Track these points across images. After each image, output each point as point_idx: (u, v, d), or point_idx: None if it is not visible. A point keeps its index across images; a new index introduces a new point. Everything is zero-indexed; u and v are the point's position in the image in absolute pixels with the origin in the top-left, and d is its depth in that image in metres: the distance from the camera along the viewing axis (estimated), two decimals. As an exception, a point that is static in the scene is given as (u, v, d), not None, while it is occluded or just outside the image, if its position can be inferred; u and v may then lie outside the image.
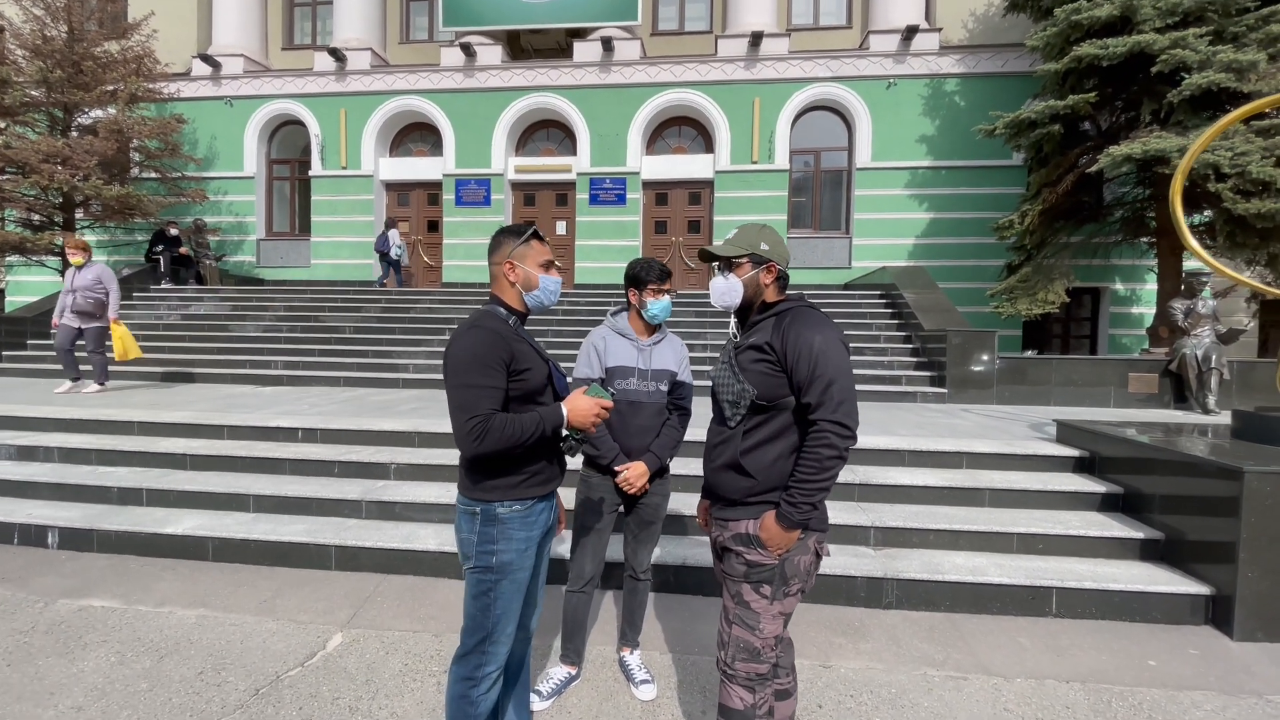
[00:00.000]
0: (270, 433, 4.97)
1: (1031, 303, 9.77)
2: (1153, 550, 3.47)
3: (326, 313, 10.33)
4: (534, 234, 1.84)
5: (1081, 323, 12.81)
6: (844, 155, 12.96)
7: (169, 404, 5.97)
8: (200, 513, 4.11)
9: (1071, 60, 8.74)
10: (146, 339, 9.53)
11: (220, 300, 10.95)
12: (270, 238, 14.27)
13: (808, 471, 1.61)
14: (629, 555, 2.61)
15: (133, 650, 2.82)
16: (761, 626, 1.71)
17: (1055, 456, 4.28)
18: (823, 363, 1.61)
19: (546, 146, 13.70)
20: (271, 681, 2.59)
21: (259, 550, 3.75)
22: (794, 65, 12.47)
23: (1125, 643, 2.98)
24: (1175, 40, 7.95)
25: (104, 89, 11.34)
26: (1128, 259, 11.57)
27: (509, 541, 1.76)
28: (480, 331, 1.69)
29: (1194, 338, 6.85)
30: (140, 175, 12.69)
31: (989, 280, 11.43)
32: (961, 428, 5.26)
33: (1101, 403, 7.10)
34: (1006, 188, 12.04)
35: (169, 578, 3.60)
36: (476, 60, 13.06)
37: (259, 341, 9.35)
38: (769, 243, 1.80)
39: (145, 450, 4.72)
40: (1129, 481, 3.83)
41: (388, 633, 3.02)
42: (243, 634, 2.98)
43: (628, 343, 2.51)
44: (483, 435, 1.61)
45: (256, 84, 13.69)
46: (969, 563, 3.41)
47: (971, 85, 12.16)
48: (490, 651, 1.76)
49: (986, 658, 2.85)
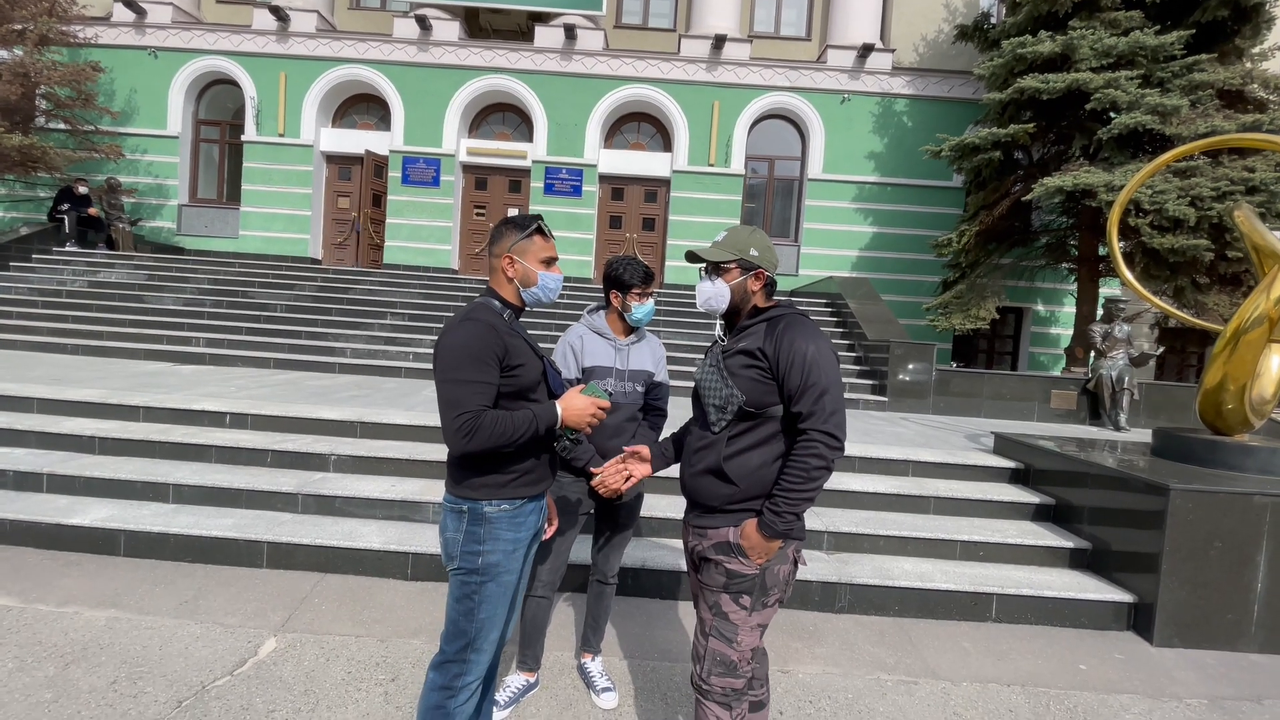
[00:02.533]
0: (194, 416, 4.58)
1: (965, 318, 10.28)
2: (1081, 559, 3.70)
3: (256, 289, 9.68)
4: (538, 229, 1.74)
5: (1005, 340, 13.62)
6: (797, 165, 13.25)
7: (74, 380, 5.41)
8: (111, 502, 3.73)
9: (1014, 91, 9.23)
10: (48, 305, 8.67)
11: (135, 268, 10.07)
12: (194, 204, 13.24)
13: (794, 481, 1.58)
14: (599, 559, 2.54)
15: (33, 655, 2.52)
16: (739, 639, 1.68)
17: (993, 467, 4.49)
18: (816, 372, 1.59)
19: (501, 130, 13.33)
20: (196, 692, 2.36)
21: (179, 545, 3.43)
22: (754, 71, 12.62)
23: (1058, 647, 3.15)
24: (1109, 80, 8.52)
25: (10, 28, 10.16)
26: (1050, 282, 12.38)
27: (496, 542, 1.66)
28: (473, 324, 1.60)
29: (1109, 359, 7.38)
30: (47, 125, 11.48)
31: (926, 295, 11.97)
32: (905, 436, 5.45)
33: (1026, 416, 7.55)
34: (945, 208, 12.63)
35: (74, 574, 3.24)
36: (432, 34, 12.54)
37: (178, 316, 8.65)
38: (759, 248, 1.76)
39: (46, 430, 4.25)
40: (1060, 493, 4.06)
41: (327, 637, 2.82)
42: (162, 638, 2.72)
43: (605, 343, 2.44)
44: (472, 432, 1.52)
45: (186, 36, 12.65)
46: (917, 569, 3.52)
47: (919, 107, 12.67)
48: (472, 660, 1.66)
49: (934, 662, 2.94)
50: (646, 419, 2.49)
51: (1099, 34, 8.71)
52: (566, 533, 2.43)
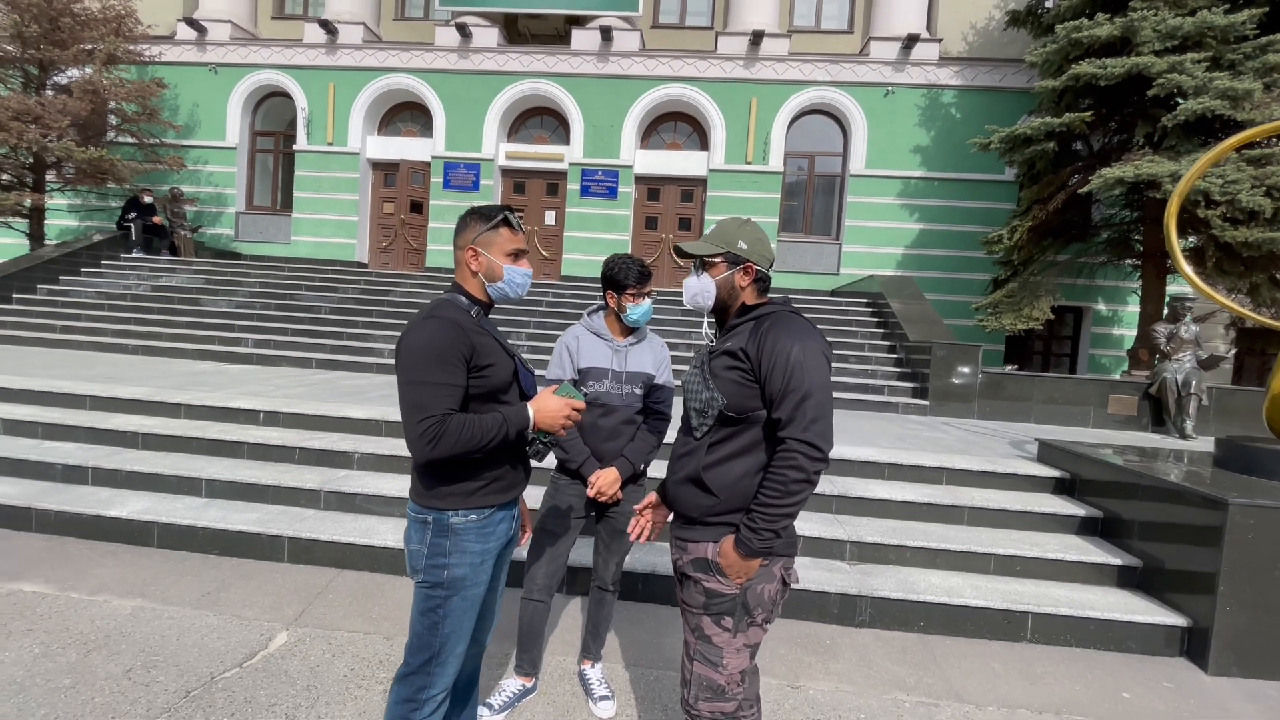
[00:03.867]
0: (230, 414, 4.75)
1: (1016, 318, 9.77)
2: (1130, 578, 3.42)
3: (303, 291, 10.04)
4: (504, 219, 1.65)
5: (1063, 341, 12.90)
6: (838, 161, 12.89)
7: (128, 378, 5.71)
8: (149, 495, 3.90)
9: (1069, 78, 8.72)
10: (113, 308, 9.21)
11: (193, 273, 10.61)
12: (250, 211, 13.87)
13: (771, 495, 1.47)
14: (598, 565, 2.47)
15: (59, 642, 2.63)
16: (725, 661, 1.58)
17: (1036, 476, 4.22)
18: (798, 375, 1.46)
19: (539, 134, 13.46)
20: (205, 683, 2.42)
21: (207, 538, 3.55)
22: (793, 67, 12.36)
23: (1099, 673, 2.91)
24: (1173, 64, 7.95)
25: (81, 48, 10.88)
26: (1112, 280, 11.65)
27: (462, 554, 1.59)
28: (437, 322, 1.53)
29: (1175, 362, 6.87)
30: (116, 139, 12.24)
31: (975, 294, 11.45)
32: (943, 442, 5.19)
33: (1081, 422, 7.10)
34: (996, 202, 12.05)
35: (109, 563, 3.40)
36: (472, 42, 12.78)
37: (230, 318, 9.06)
38: (748, 241, 1.64)
39: (96, 426, 4.49)
40: (1109, 506, 3.77)
41: (336, 633, 2.86)
42: (180, 628, 2.81)
43: (602, 343, 2.37)
44: (437, 438, 1.45)
45: (243, 52, 13.27)
46: (945, 583, 3.33)
47: (968, 98, 12.14)
48: (436, 673, 1.60)
49: (959, 683, 2.76)
50: (647, 423, 2.41)
51: (1162, 15, 8.13)
52: (563, 536, 2.38)
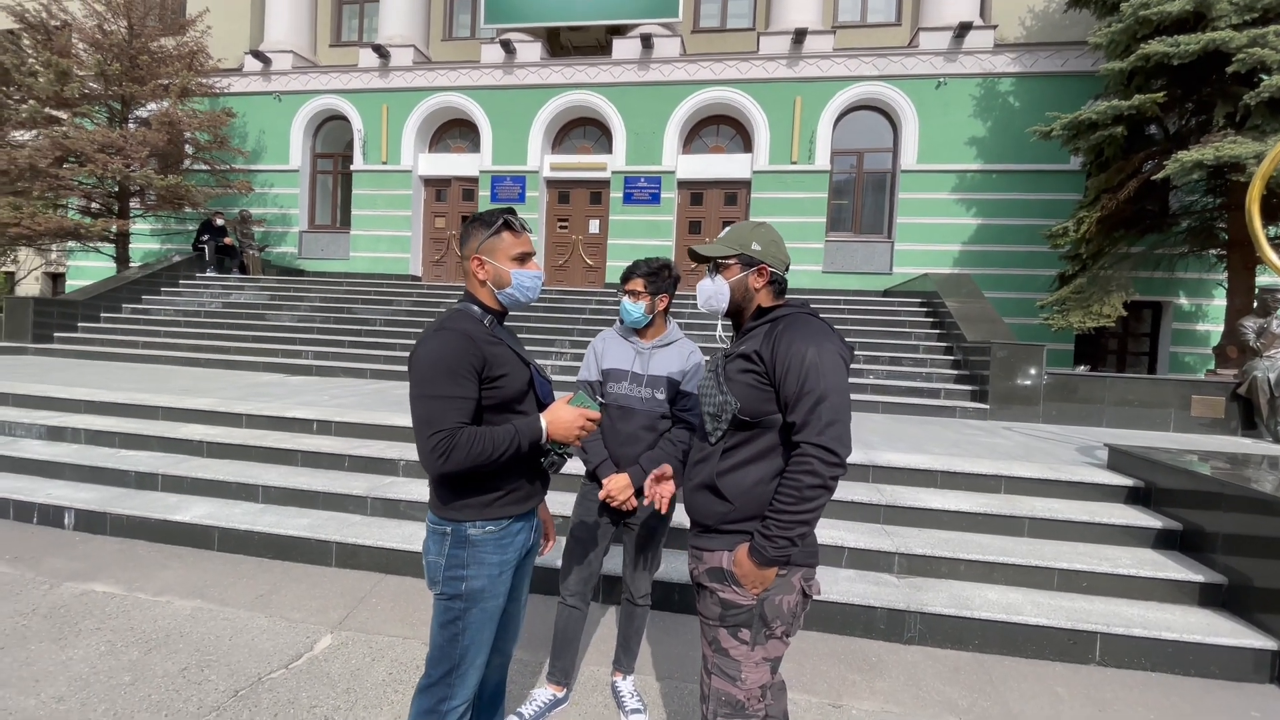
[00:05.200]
0: (286, 423, 4.97)
1: (1085, 315, 9.20)
2: (1214, 596, 3.12)
3: (359, 305, 10.46)
4: (505, 223, 1.63)
5: (1140, 339, 12.05)
6: (888, 157, 12.50)
7: (198, 390, 6.06)
8: (211, 501, 4.11)
9: (1138, 58, 8.17)
10: (189, 325, 9.83)
11: (260, 289, 11.21)
12: (312, 230, 14.58)
13: (786, 501, 1.41)
14: (627, 578, 2.43)
15: (124, 640, 2.79)
16: (744, 676, 1.51)
17: (1106, 485, 3.92)
18: (813, 377, 1.42)
19: (583, 144, 13.62)
20: (252, 683, 2.51)
21: (262, 542, 3.71)
22: (838, 63, 12.08)
23: (1176, 699, 2.66)
24: (1253, 38, 7.33)
25: (158, 83, 11.73)
26: (1194, 272, 10.81)
27: (480, 566, 1.59)
28: (447, 334, 1.52)
29: (1266, 359, 6.31)
30: (191, 167, 13.12)
31: (1039, 291, 10.85)
32: (1002, 448, 4.91)
33: (1160, 426, 6.59)
34: (1061, 193, 11.40)
35: (174, 565, 3.59)
36: (516, 57, 13.07)
37: (292, 331, 9.51)
38: (761, 242, 1.60)
39: (166, 435, 4.78)
40: (1190, 517, 3.46)
41: (377, 637, 2.92)
42: (233, 629, 2.93)
43: (627, 345, 2.35)
44: (448, 452, 1.44)
45: (304, 79, 14.00)
46: (1003, 599, 3.12)
47: (1027, 85, 11.56)
48: (457, 684, 1.60)
49: (1017, 708, 2.57)
50: (672, 431, 2.31)
51: (1240, -14, 7.53)
52: (592, 541, 2.36)
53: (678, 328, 2.45)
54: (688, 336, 2.44)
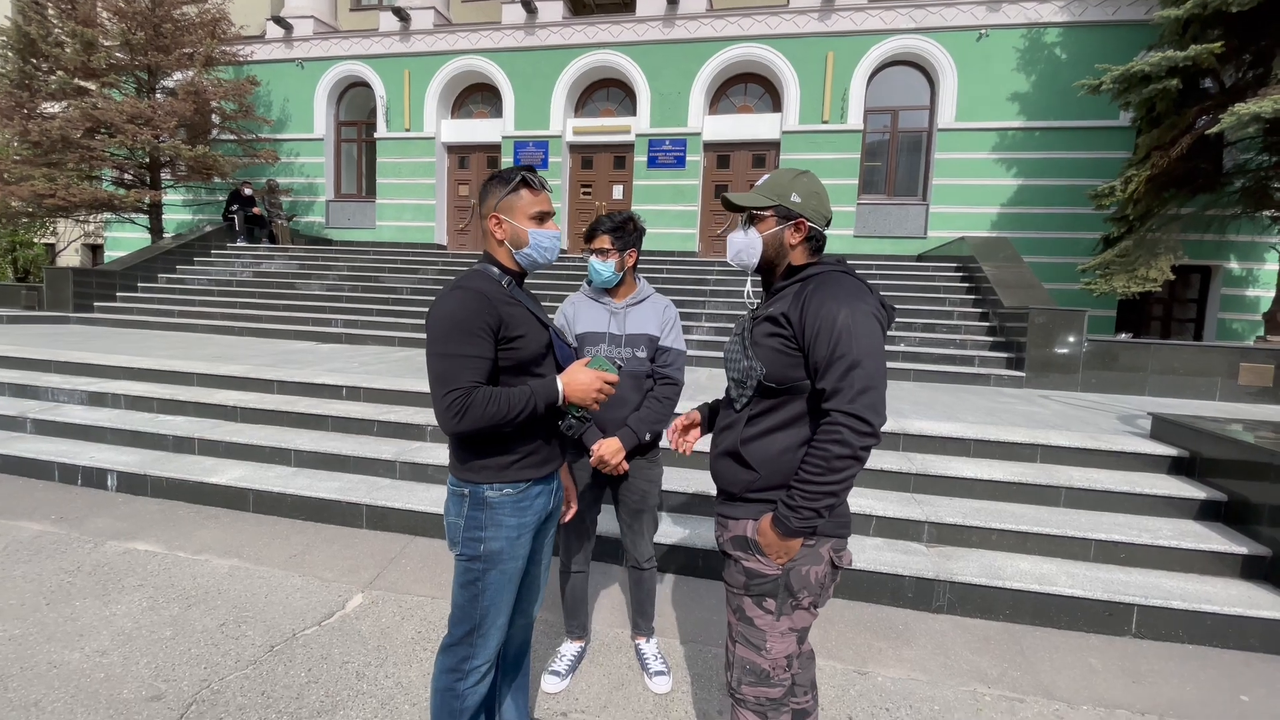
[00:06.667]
0: (316, 389, 5.04)
1: (1130, 280, 8.80)
2: (1257, 568, 3.00)
3: (386, 274, 10.53)
4: (523, 180, 1.58)
5: (1187, 305, 11.53)
6: (924, 115, 11.97)
7: (232, 357, 6.19)
8: (245, 464, 4.22)
9: (1195, 5, 7.61)
10: (222, 294, 10.03)
11: (289, 259, 11.35)
12: (338, 199, 14.65)
13: (812, 471, 1.34)
14: (627, 546, 2.40)
15: (165, 596, 2.89)
16: (768, 645, 1.49)
17: (1148, 455, 3.77)
18: (845, 341, 1.33)
19: (606, 107, 13.33)
20: (287, 639, 2.58)
21: (295, 504, 3.80)
22: (873, 16, 11.52)
23: (1214, 672, 2.58)
24: (1330, -23, 6.75)
25: (183, 51, 11.76)
26: (1246, 235, 10.24)
27: (498, 529, 1.58)
28: (463, 293, 1.49)
29: (1327, 325, 5.96)
30: (218, 137, 13.21)
31: (1081, 254, 10.42)
32: (1039, 416, 4.76)
33: (1206, 395, 6.32)
34: (1108, 151, 10.83)
35: (211, 526, 3.70)
36: (538, 17, 12.76)
37: (322, 300, 9.64)
38: (802, 194, 1.49)
39: (202, 401, 4.89)
40: (1236, 488, 3.32)
41: (406, 596, 2.98)
42: (269, 587, 3.01)
43: (599, 306, 2.28)
44: (463, 411, 1.43)
45: (326, 45, 13.90)
46: (1035, 569, 3.05)
47: (1075, 36, 10.90)
48: (478, 644, 1.61)
49: (1049, 678, 2.52)
50: (655, 389, 2.28)
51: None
52: (592, 509, 2.35)
53: (647, 284, 2.38)
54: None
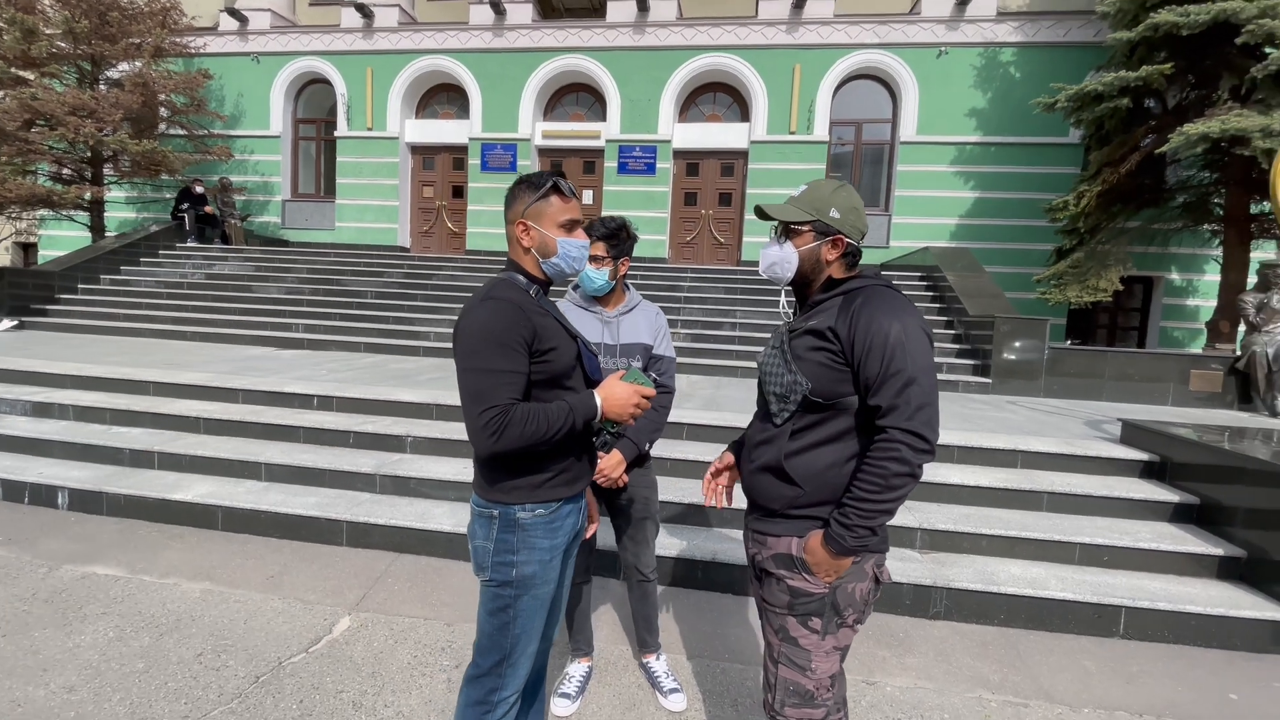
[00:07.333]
0: (285, 398, 4.81)
1: (1082, 290, 9.23)
2: (1232, 569, 3.14)
3: (349, 276, 10.17)
4: (554, 186, 1.50)
5: (1130, 313, 12.17)
6: (887, 128, 12.33)
7: (187, 364, 5.86)
8: (211, 479, 3.98)
9: (1146, 29, 8.05)
10: (171, 296, 9.51)
11: (244, 260, 10.86)
12: (296, 199, 14.13)
13: (869, 489, 1.32)
14: (628, 559, 2.34)
15: (133, 625, 2.68)
16: (814, 665, 1.45)
17: (1121, 459, 3.93)
18: (900, 357, 1.31)
19: (575, 111, 13.26)
20: (274, 668, 2.42)
21: (269, 521, 3.60)
22: (839, 30, 11.80)
23: (1202, 672, 2.68)
24: (1264, 9, 7.25)
25: (130, 41, 11.15)
26: (1187, 247, 10.89)
27: (531, 551, 1.49)
28: (495, 304, 1.40)
29: (1265, 334, 6.35)
30: (167, 132, 12.57)
31: (1036, 265, 10.87)
32: (1012, 422, 4.91)
33: (1159, 400, 6.65)
34: (1059, 167, 11.36)
35: (176, 546, 3.47)
36: (506, 19, 12.60)
37: (280, 304, 9.24)
38: (841, 209, 1.46)
39: (159, 411, 4.60)
40: (1206, 491, 3.48)
41: (397, 619, 2.84)
42: (247, 612, 2.83)
43: (590, 315, 2.21)
44: (501, 430, 1.34)
45: (283, 40, 13.41)
46: (1026, 573, 3.12)
47: (1029, 55, 11.40)
48: (508, 674, 1.52)
49: (1048, 682, 2.57)
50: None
51: (1252, -46, 7.40)
52: None
53: (636, 291, 2.34)
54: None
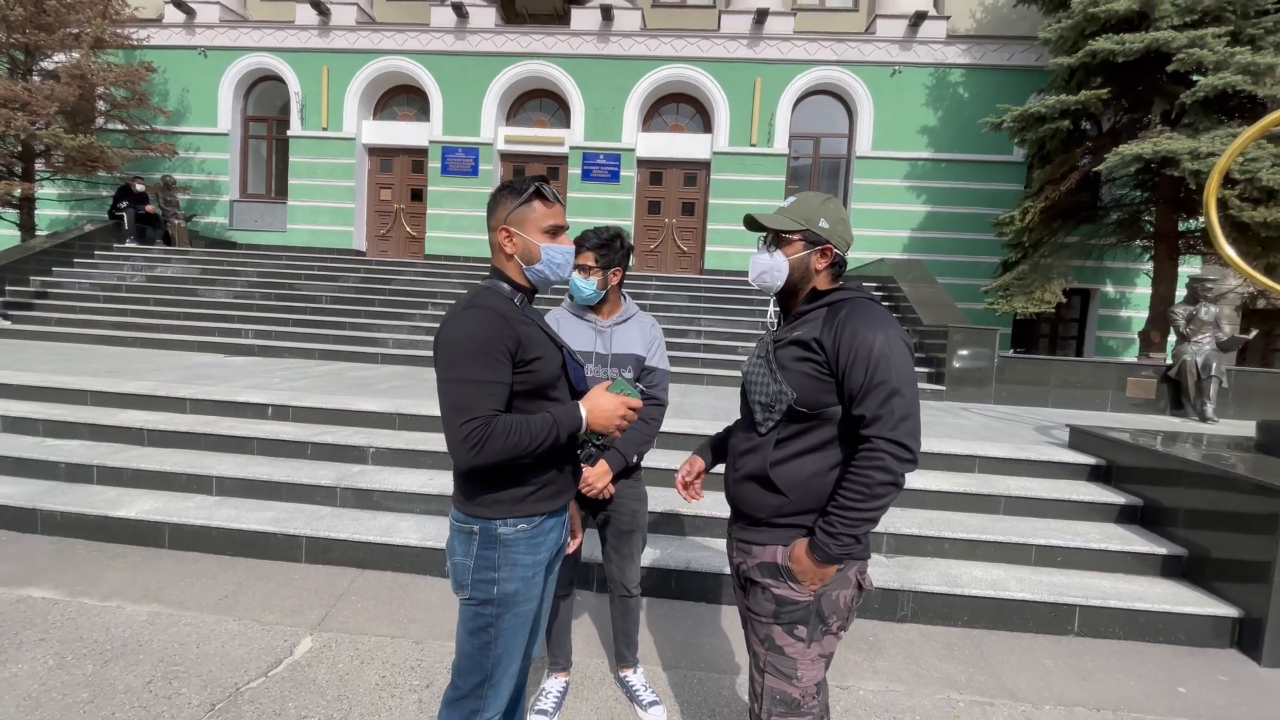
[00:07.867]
0: (237, 408, 4.60)
1: (1028, 301, 9.68)
2: (1175, 567, 3.33)
3: (302, 280, 9.84)
4: (537, 191, 1.48)
5: (1069, 324, 12.82)
6: (844, 142, 12.69)
7: (129, 372, 5.55)
8: (157, 494, 3.76)
9: (1085, 55, 8.54)
10: (109, 300, 9.01)
11: (189, 263, 10.37)
12: (244, 199, 13.59)
13: (853, 497, 1.34)
14: (613, 572, 2.31)
15: (74, 652, 2.50)
16: (799, 673, 1.46)
17: (1070, 464, 4.11)
18: (884, 368, 1.34)
19: (539, 117, 13.20)
20: (230, 695, 2.30)
21: (221, 539, 3.42)
22: (798, 46, 12.11)
23: (1152, 667, 2.82)
24: (1193, 39, 7.78)
25: (68, 31, 10.55)
26: (1121, 262, 11.55)
27: (513, 568, 1.45)
28: (479, 313, 1.36)
29: (1194, 344, 6.77)
30: (106, 126, 11.92)
31: (983, 277, 11.34)
32: (967, 428, 5.09)
33: (1099, 406, 7.01)
34: (1004, 184, 11.92)
35: (119, 566, 3.26)
36: (469, 22, 12.47)
37: (229, 308, 8.86)
38: (830, 220, 1.50)
39: (99, 423, 4.33)
40: (1149, 493, 3.67)
41: (363, 638, 2.74)
42: (199, 635, 2.68)
43: (584, 324, 2.19)
44: (482, 442, 1.30)
45: (233, 35, 12.92)
46: (987, 575, 3.23)
47: (976, 77, 11.94)
48: (489, 695, 1.47)
49: (1011, 680, 2.66)
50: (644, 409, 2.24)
51: (1182, -12, 7.95)
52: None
53: (632, 302, 2.33)
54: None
